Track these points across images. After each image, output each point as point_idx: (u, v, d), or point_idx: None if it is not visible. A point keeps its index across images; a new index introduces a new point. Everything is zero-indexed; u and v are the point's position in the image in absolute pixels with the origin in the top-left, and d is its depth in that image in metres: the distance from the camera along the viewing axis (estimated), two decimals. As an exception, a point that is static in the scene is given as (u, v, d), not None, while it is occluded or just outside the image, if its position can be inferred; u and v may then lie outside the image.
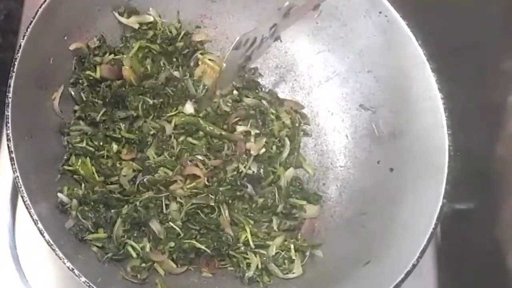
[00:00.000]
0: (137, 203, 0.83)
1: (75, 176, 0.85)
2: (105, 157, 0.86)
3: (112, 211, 0.83)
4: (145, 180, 0.84)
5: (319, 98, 0.97)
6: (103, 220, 0.82)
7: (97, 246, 0.81)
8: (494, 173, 0.91)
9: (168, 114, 0.88)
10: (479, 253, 0.92)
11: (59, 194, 0.81)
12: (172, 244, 0.83)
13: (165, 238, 0.83)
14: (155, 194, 0.84)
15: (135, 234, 0.83)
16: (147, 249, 0.82)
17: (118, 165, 0.86)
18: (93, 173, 0.85)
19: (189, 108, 0.89)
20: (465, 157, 0.82)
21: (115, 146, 0.86)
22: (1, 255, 0.88)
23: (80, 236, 0.80)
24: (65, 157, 0.85)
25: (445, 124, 0.79)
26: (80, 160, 0.85)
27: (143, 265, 0.82)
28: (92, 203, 0.82)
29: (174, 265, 0.84)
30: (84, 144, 0.85)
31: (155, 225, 0.82)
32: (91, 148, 0.86)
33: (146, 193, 0.84)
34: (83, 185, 0.84)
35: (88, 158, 0.85)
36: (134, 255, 0.82)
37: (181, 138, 0.88)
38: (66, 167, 0.84)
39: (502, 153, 0.91)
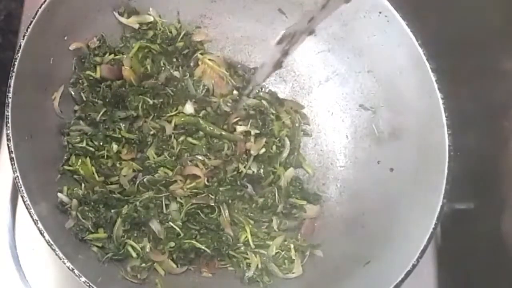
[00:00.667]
0: (137, 203, 0.83)
1: (75, 176, 0.85)
2: (105, 157, 0.86)
3: (112, 211, 0.83)
4: (145, 180, 0.84)
5: (319, 98, 0.97)
6: (103, 220, 0.82)
7: (97, 246, 0.81)
8: (494, 173, 0.91)
9: (168, 114, 0.88)
10: (479, 253, 0.92)
11: (59, 194, 0.81)
12: (172, 244, 0.83)
13: (165, 238, 0.83)
14: (155, 194, 0.84)
15: (135, 234, 0.83)
16: (147, 249, 0.82)
17: (118, 165, 0.86)
18: (93, 173, 0.85)
19: (189, 108, 0.89)
20: (465, 157, 0.82)
21: (115, 146, 0.86)
22: (1, 255, 0.88)
23: (80, 236, 0.80)
24: (65, 157, 0.85)
25: (445, 124, 0.79)
26: (80, 160, 0.85)
27: (143, 265, 0.82)
28: (92, 203, 0.82)
29: (174, 265, 0.84)
30: (84, 144, 0.85)
31: (155, 225, 0.82)
32: (91, 148, 0.85)
33: (146, 193, 0.84)
34: (83, 185, 0.84)
35: (88, 158, 0.85)
36: (134, 255, 0.82)
37: (181, 138, 0.88)
38: (66, 167, 0.84)
39: (502, 153, 0.91)
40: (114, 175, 0.85)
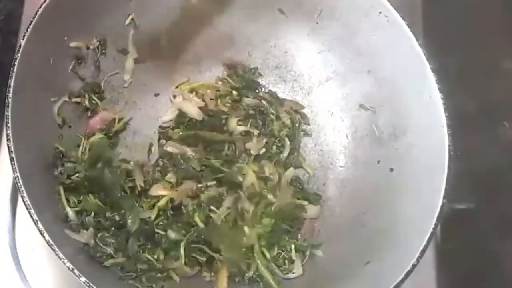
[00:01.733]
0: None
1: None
2: None
3: (123, 229, 0.81)
4: None
5: (319, 98, 0.97)
6: (118, 240, 0.80)
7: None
8: (494, 173, 0.91)
9: None
10: (479, 253, 0.92)
11: (67, 208, 0.79)
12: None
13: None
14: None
15: (149, 246, 0.82)
16: (161, 257, 0.81)
17: None
18: (100, 206, 0.82)
19: None
20: (465, 157, 0.82)
21: None
22: (1, 255, 0.88)
23: (100, 262, 0.78)
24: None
25: (445, 124, 0.79)
26: (81, 197, 0.82)
27: (159, 275, 0.81)
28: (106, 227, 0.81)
29: (188, 269, 0.83)
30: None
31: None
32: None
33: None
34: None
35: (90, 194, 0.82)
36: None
37: None
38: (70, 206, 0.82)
39: (501, 153, 0.91)
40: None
